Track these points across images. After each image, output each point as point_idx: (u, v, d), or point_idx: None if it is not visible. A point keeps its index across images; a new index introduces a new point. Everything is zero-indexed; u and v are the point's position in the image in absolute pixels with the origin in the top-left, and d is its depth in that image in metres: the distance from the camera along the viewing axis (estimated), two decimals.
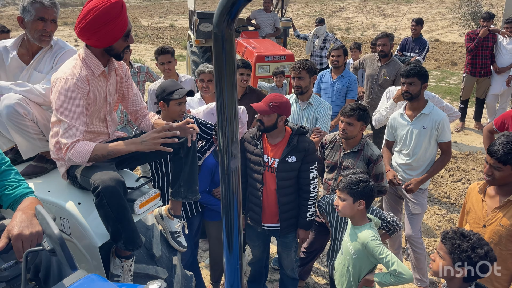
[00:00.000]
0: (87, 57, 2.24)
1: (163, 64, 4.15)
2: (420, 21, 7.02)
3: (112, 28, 2.14)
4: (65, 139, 2.14)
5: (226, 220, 1.30)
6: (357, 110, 3.11)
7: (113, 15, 2.11)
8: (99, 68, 2.27)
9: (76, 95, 2.14)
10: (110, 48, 2.24)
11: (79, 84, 2.15)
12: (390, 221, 2.95)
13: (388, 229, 2.97)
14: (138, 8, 31.91)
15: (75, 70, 2.18)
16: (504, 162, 2.40)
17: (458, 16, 13.66)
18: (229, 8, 1.01)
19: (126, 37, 2.25)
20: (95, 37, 2.16)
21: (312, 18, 22.38)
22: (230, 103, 1.15)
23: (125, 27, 2.20)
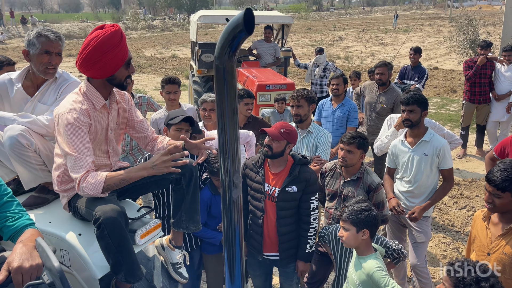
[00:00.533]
0: (88, 91, 2.26)
1: (169, 94, 4.21)
2: (418, 50, 7.14)
3: (112, 56, 2.17)
4: (75, 173, 2.11)
5: (227, 250, 1.29)
6: (357, 138, 3.12)
7: (113, 44, 2.15)
8: (100, 101, 2.29)
9: (79, 129, 2.15)
10: (112, 78, 2.26)
11: (80, 118, 2.16)
12: (396, 250, 2.91)
13: (394, 257, 2.93)
14: (141, 39, 32.58)
15: (76, 104, 2.19)
16: (503, 189, 2.38)
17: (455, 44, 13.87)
18: (230, 41, 1.04)
19: (127, 66, 2.27)
20: (96, 67, 2.19)
21: (312, 47, 22.78)
22: (231, 133, 1.16)
23: (125, 56, 2.23)
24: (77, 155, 2.11)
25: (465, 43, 13.00)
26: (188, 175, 2.46)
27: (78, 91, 2.28)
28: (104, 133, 2.38)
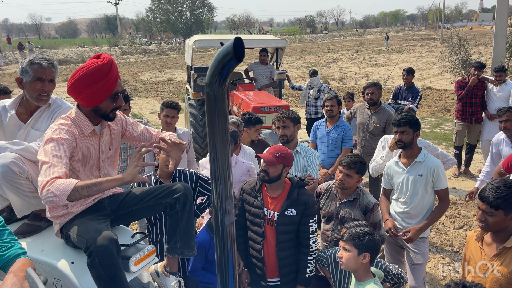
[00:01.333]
0: (77, 116, 2.27)
1: (166, 117, 4.23)
2: (410, 71, 7.24)
3: (97, 89, 2.17)
4: (43, 177, 2.01)
5: (221, 278, 1.27)
6: (358, 163, 3.14)
7: (99, 76, 2.16)
8: (88, 127, 2.29)
9: (60, 143, 2.12)
10: (97, 109, 2.26)
11: (64, 136, 2.15)
12: (396, 274, 2.87)
13: (394, 282, 2.89)
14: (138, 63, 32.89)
15: (62, 126, 2.19)
16: (496, 207, 2.37)
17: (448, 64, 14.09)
18: (220, 69, 1.05)
19: (113, 99, 2.27)
20: (81, 96, 2.21)
21: (306, 69, 23.05)
22: (223, 159, 1.16)
23: (112, 89, 2.23)
24: (52, 163, 2.05)
25: (457, 63, 13.21)
26: (183, 199, 2.45)
27: (67, 116, 2.28)
28: (96, 158, 2.37)
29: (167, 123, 4.24)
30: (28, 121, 2.61)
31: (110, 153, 2.49)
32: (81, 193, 2.05)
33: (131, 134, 2.58)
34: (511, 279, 2.38)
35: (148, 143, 2.64)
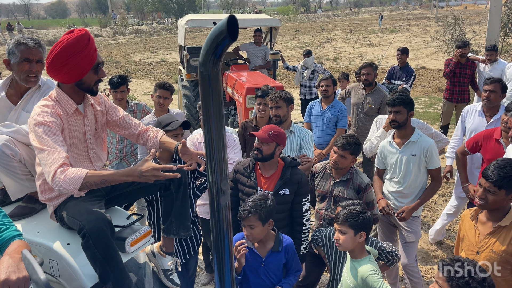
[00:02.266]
0: (58, 96, 2.24)
1: (159, 98, 4.19)
2: (405, 50, 7.21)
3: (79, 61, 2.15)
4: (48, 166, 2.03)
5: (217, 258, 1.28)
6: (352, 145, 3.15)
7: (79, 48, 2.13)
8: (72, 106, 2.26)
9: (49, 127, 2.11)
10: (80, 82, 2.23)
11: (50, 119, 2.13)
12: (390, 252, 2.92)
13: (388, 259, 2.94)
14: (130, 44, 32.43)
15: (45, 108, 2.17)
16: (499, 186, 2.40)
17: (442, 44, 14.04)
18: (214, 48, 1.04)
19: (95, 70, 2.24)
20: (63, 71, 2.17)
21: (300, 49, 22.87)
22: (218, 140, 1.16)
23: (93, 60, 2.21)
24: (49, 149, 2.06)
25: (451, 42, 13.16)
26: (177, 181, 2.45)
27: (48, 97, 2.25)
28: (82, 138, 2.35)
29: (160, 104, 4.21)
30: (19, 103, 2.58)
31: (96, 133, 2.46)
32: (90, 185, 2.08)
33: (112, 117, 2.55)
34: (504, 257, 2.43)
35: (128, 131, 2.63)
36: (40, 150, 2.07)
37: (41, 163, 2.08)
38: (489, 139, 3.64)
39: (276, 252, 2.75)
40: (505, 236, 2.44)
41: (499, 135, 3.57)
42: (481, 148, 3.67)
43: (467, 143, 3.82)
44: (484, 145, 3.65)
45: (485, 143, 3.66)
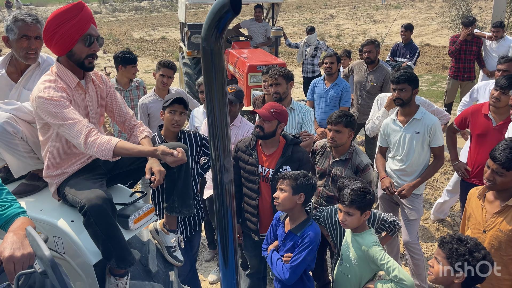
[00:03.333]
0: (59, 70, 2.21)
1: (163, 77, 4.16)
2: (409, 27, 7.08)
3: (68, 28, 2.10)
4: (76, 139, 2.09)
5: (221, 235, 1.29)
6: (343, 117, 3.12)
7: (69, 16, 2.10)
8: (73, 80, 2.23)
9: (60, 101, 2.10)
10: (70, 54, 2.18)
11: (58, 93, 2.12)
12: (392, 222, 2.96)
13: (390, 229, 2.98)
14: (130, 21, 32.00)
15: (49, 83, 2.15)
16: (507, 168, 2.38)
17: (447, 20, 13.79)
18: (216, 22, 1.01)
19: (86, 42, 2.17)
20: (54, 41, 2.13)
21: (303, 26, 22.54)
22: (221, 117, 1.14)
23: (84, 29, 2.14)
24: (68, 122, 2.08)
25: (457, 18, 12.93)
26: None
27: (50, 72, 2.23)
28: (84, 114, 2.33)
29: (163, 83, 4.17)
30: (19, 81, 2.55)
31: (97, 111, 2.44)
32: (120, 154, 2.15)
33: (111, 101, 2.52)
34: (511, 236, 2.43)
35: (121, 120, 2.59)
36: (59, 126, 2.10)
37: (67, 137, 2.14)
38: (477, 114, 3.61)
39: (294, 235, 2.70)
40: None
41: (487, 110, 3.54)
42: (470, 124, 3.65)
43: (456, 120, 3.80)
44: (473, 121, 3.63)
45: (473, 118, 3.63)
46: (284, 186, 2.64)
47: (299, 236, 2.66)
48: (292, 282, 2.63)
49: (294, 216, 2.71)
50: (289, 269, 2.61)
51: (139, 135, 2.53)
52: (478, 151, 3.57)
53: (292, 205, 2.64)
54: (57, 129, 2.13)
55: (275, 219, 2.91)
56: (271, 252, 2.79)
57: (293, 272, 2.60)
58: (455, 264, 1.97)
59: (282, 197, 2.63)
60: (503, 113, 3.44)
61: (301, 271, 2.65)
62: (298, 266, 2.60)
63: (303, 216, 2.71)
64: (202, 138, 3.25)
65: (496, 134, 3.39)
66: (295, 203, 2.63)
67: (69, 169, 2.30)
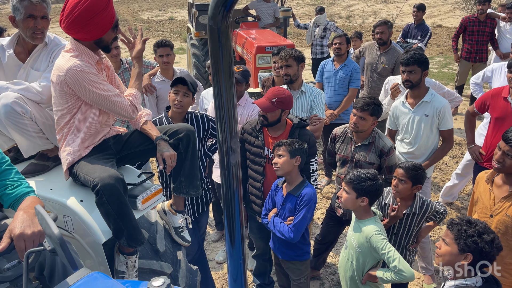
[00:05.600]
0: (78, 48, 2.21)
1: (162, 57, 4.13)
2: (421, 7, 6.94)
3: (101, 19, 2.12)
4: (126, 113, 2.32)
5: (227, 216, 1.29)
6: (371, 105, 3.05)
7: (101, 6, 2.10)
8: (93, 57, 2.25)
9: (92, 74, 2.17)
10: (99, 40, 2.22)
11: (87, 66, 2.16)
12: (443, 212, 2.92)
13: (440, 219, 2.95)
14: (137, 1, 31.72)
15: (75, 59, 2.16)
16: None
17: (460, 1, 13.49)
18: (224, 0, 0.99)
19: (114, 28, 2.25)
20: (84, 30, 2.14)
21: (312, 7, 22.16)
22: (228, 98, 1.13)
23: (113, 18, 2.20)
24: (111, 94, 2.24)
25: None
26: (186, 140, 2.45)
27: (69, 50, 2.23)
28: None
29: (165, 63, 4.14)
30: (27, 61, 2.55)
31: None
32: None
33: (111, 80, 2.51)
34: None
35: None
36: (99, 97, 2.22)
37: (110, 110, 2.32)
38: (497, 97, 3.55)
39: (293, 196, 2.85)
40: None
41: (507, 93, 3.49)
42: (489, 107, 3.60)
43: (476, 103, 3.75)
44: (493, 104, 3.58)
45: (493, 101, 3.57)
46: (281, 152, 2.81)
47: (297, 197, 2.83)
48: (297, 239, 2.83)
49: (292, 179, 2.88)
50: (293, 227, 2.80)
51: (140, 120, 2.53)
52: (495, 134, 3.52)
53: (290, 167, 2.81)
54: (95, 104, 2.24)
55: (273, 186, 3.05)
56: (273, 217, 2.93)
57: (297, 230, 2.80)
58: (462, 247, 1.96)
59: (281, 161, 2.79)
60: None
61: (303, 228, 2.86)
62: (300, 223, 2.80)
63: (299, 178, 2.89)
64: (210, 120, 3.24)
65: None
66: (292, 166, 2.81)
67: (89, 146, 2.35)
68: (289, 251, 3.01)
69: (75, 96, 2.22)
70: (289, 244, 2.94)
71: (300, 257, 3.03)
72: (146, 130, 2.46)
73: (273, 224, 2.92)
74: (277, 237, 2.95)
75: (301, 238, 2.91)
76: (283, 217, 2.92)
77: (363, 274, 2.64)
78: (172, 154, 2.34)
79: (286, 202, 2.89)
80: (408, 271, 2.34)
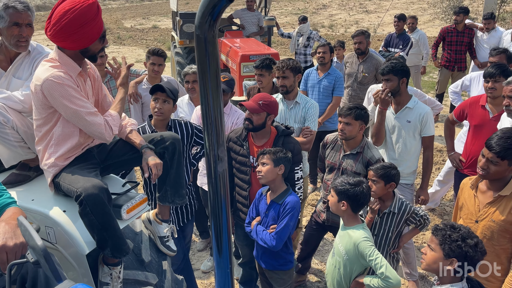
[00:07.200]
0: (61, 59, 2.18)
1: (153, 65, 4.13)
2: (402, 17, 7.09)
3: (89, 29, 2.11)
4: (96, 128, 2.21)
5: (214, 224, 1.28)
6: (354, 109, 3.09)
7: (90, 17, 2.08)
8: (76, 69, 2.21)
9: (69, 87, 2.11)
10: (85, 50, 2.19)
11: (66, 78, 2.12)
12: (423, 216, 2.95)
13: (420, 223, 2.97)
14: (120, 9, 31.59)
15: (55, 69, 2.12)
16: (502, 157, 2.39)
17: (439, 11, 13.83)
18: (210, 10, 0.99)
19: (102, 38, 2.22)
20: (71, 39, 2.12)
21: (295, 16, 22.40)
22: (215, 106, 1.13)
23: (101, 28, 2.18)
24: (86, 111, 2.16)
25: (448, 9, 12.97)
26: (171, 149, 2.44)
27: (51, 60, 2.19)
28: None
29: (155, 71, 4.14)
30: (9, 69, 2.51)
31: (92, 100, 2.41)
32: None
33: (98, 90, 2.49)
34: (503, 226, 2.46)
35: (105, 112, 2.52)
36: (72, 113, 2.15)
37: (81, 127, 2.22)
38: (475, 105, 3.65)
39: (276, 204, 2.85)
40: (505, 206, 2.45)
41: (485, 101, 3.59)
42: (468, 115, 3.69)
43: (455, 112, 3.84)
44: (471, 112, 3.67)
45: (471, 109, 3.67)
46: (265, 160, 2.83)
47: (280, 205, 2.83)
48: (279, 247, 2.82)
49: (275, 187, 2.89)
50: (275, 235, 2.80)
51: (125, 129, 2.49)
52: (474, 142, 3.61)
53: (273, 176, 2.83)
54: (68, 118, 2.17)
55: (257, 195, 3.05)
56: (256, 225, 2.93)
57: (279, 237, 2.80)
58: (447, 252, 1.99)
59: (265, 170, 2.81)
60: (499, 104, 3.47)
61: (286, 236, 2.85)
62: (283, 231, 2.80)
63: (283, 187, 2.91)
64: (194, 127, 3.24)
65: (493, 125, 3.42)
66: (276, 174, 2.83)
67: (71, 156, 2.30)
68: (272, 261, 3.00)
69: (52, 108, 2.17)
70: (272, 253, 2.94)
71: (283, 266, 3.02)
72: (131, 139, 2.44)
73: (255, 232, 2.92)
74: (260, 245, 2.94)
75: (283, 247, 2.91)
76: (266, 225, 2.92)
77: (351, 282, 2.65)
78: (158, 162, 2.32)
79: (269, 210, 2.90)
80: (395, 278, 2.36)
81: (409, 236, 3.09)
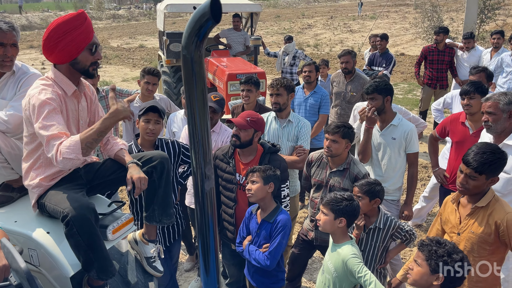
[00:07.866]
0: (57, 77, 2.18)
1: (148, 84, 4.14)
2: (385, 37, 7.26)
3: (74, 38, 2.11)
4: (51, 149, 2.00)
5: (202, 243, 1.28)
6: (341, 127, 3.11)
7: (74, 25, 2.10)
8: (71, 87, 2.21)
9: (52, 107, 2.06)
10: (75, 62, 2.18)
11: (53, 98, 2.09)
12: (408, 231, 2.95)
13: (406, 238, 2.97)
14: (107, 29, 31.67)
15: (46, 87, 2.11)
16: (480, 172, 2.43)
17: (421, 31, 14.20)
18: (197, 31, 1.01)
19: (91, 50, 2.19)
20: (58, 49, 2.12)
21: (281, 35, 22.75)
22: (202, 125, 1.14)
23: (89, 37, 2.17)
24: (49, 133, 2.00)
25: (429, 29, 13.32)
26: (160, 168, 2.42)
27: (46, 78, 2.19)
28: (76, 123, 2.30)
29: (148, 90, 4.15)
30: None
31: (86, 121, 2.41)
32: (91, 144, 2.03)
33: (94, 113, 2.48)
34: (482, 238, 2.49)
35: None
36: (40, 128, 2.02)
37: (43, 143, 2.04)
38: (456, 122, 3.75)
39: (268, 222, 2.84)
40: (482, 217, 2.50)
41: (464, 118, 3.69)
42: (449, 132, 3.78)
43: (437, 129, 3.94)
44: (452, 129, 3.77)
45: (452, 126, 3.77)
46: (255, 178, 2.81)
47: (271, 223, 2.81)
48: (273, 267, 2.81)
49: (265, 206, 2.88)
50: (269, 254, 2.78)
51: (115, 148, 2.47)
52: (457, 157, 3.68)
53: (263, 194, 2.81)
54: (37, 133, 2.05)
55: (247, 213, 3.03)
56: (248, 245, 2.91)
57: (273, 257, 2.78)
58: (433, 267, 2.01)
59: (255, 188, 2.79)
60: (478, 120, 3.55)
61: (279, 255, 2.84)
62: (276, 250, 2.78)
63: (273, 205, 2.89)
64: (181, 146, 3.23)
65: (473, 141, 3.50)
66: (266, 192, 2.81)
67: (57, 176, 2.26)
68: (264, 279, 2.97)
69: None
70: (264, 271, 2.92)
71: (275, 285, 3.00)
72: (120, 156, 2.41)
73: (248, 252, 2.89)
74: (252, 264, 2.92)
75: (275, 265, 2.90)
76: (258, 244, 2.89)
77: None
78: (142, 177, 2.23)
79: (261, 229, 2.88)
80: None
81: (396, 251, 3.10)
